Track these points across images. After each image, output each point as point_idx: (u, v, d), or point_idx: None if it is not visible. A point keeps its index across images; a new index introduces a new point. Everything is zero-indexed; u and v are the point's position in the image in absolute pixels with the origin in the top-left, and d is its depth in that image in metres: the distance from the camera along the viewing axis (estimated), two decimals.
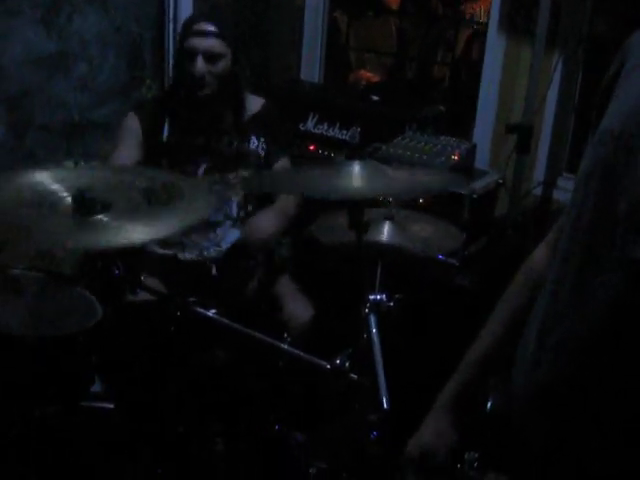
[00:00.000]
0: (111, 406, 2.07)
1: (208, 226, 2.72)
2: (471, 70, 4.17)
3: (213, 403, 2.04)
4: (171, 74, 2.95)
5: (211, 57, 2.62)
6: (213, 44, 2.62)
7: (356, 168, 1.92)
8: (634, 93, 1.07)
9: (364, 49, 4.65)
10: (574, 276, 1.09)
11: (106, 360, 2.14)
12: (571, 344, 1.07)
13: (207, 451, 2.01)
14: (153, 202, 1.85)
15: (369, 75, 4.58)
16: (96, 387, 2.13)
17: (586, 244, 1.08)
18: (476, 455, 1.48)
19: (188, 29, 2.66)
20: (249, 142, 2.77)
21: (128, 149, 2.69)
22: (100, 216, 1.73)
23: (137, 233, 1.68)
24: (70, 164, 1.91)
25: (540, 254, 1.38)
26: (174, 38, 3.44)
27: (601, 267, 1.04)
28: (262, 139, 2.78)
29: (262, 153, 2.78)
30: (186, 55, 2.63)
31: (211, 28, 2.63)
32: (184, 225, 1.78)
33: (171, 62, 3.28)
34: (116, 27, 3.34)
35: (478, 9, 4.57)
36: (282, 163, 2.82)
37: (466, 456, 1.48)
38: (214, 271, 2.64)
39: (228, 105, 2.73)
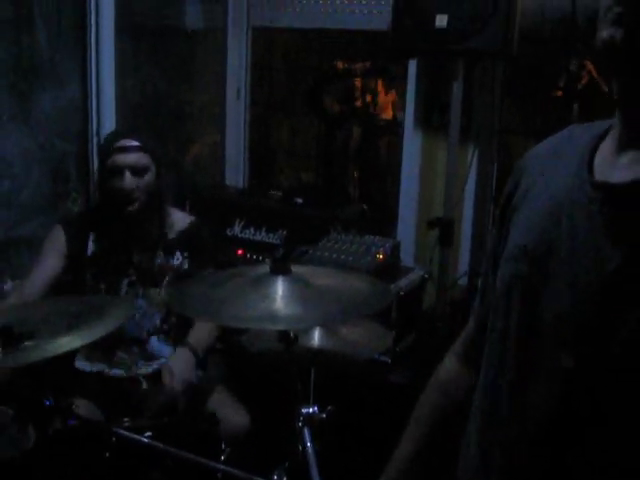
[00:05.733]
0: None
1: (133, 343, 2.71)
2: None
3: None
4: (95, 190, 2.97)
5: (137, 171, 2.66)
6: (138, 158, 2.67)
7: (280, 284, 1.87)
8: (537, 210, 1.12)
9: (286, 152, 4.71)
10: (509, 388, 1.10)
11: None
12: (515, 449, 1.09)
13: None
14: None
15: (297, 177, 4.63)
16: None
17: (517, 357, 1.09)
18: None
19: (111, 146, 2.70)
20: (173, 257, 2.78)
21: (50, 260, 2.71)
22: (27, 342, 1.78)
23: (62, 346, 1.79)
24: None
25: (449, 367, 1.39)
26: (98, 152, 3.47)
27: (536, 378, 1.05)
28: (186, 254, 2.79)
29: (186, 267, 2.79)
30: (112, 172, 2.67)
31: (134, 143, 2.68)
32: (105, 330, 1.86)
33: (95, 176, 3.29)
34: (39, 144, 3.35)
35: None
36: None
37: None
38: (144, 386, 2.61)
39: (154, 220, 2.76)
